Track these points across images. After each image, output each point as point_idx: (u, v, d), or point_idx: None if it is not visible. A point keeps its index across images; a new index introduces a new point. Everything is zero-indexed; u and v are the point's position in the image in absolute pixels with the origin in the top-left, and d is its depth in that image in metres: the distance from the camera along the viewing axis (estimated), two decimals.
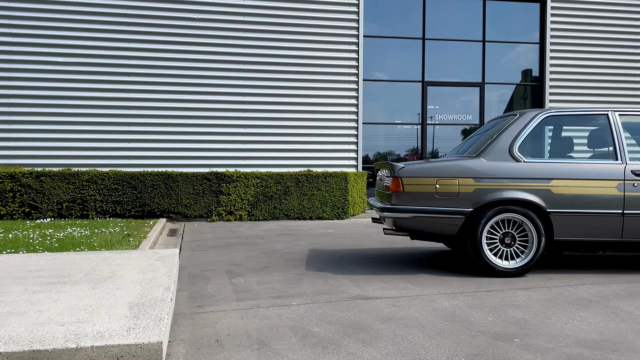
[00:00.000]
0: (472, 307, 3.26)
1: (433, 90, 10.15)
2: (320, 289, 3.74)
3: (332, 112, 9.54)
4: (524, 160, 4.17)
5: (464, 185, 4.11)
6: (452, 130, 10.32)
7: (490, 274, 4.12)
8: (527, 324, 2.92)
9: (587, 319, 3.01)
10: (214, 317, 3.07)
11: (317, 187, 8.60)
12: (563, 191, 4.09)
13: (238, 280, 4.04)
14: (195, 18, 9.10)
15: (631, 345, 2.57)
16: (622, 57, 10.28)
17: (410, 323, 2.93)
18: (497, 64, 10.40)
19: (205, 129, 9.16)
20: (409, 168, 4.20)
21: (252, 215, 8.48)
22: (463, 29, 10.26)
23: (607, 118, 4.40)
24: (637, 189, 4.09)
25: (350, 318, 3.03)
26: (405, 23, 10.09)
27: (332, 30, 9.52)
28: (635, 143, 4.78)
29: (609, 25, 10.24)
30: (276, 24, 9.35)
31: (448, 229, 4.15)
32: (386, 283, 3.93)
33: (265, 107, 9.34)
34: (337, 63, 9.54)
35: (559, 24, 10.17)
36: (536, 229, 4.08)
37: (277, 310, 3.21)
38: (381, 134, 10.14)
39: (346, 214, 8.74)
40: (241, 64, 9.25)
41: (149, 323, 2.40)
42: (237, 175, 8.41)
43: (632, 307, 3.26)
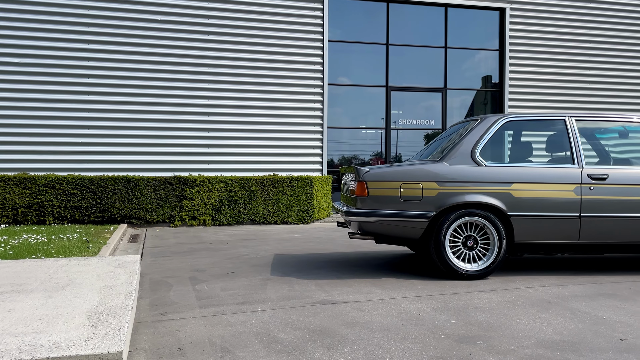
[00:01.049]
0: (436, 310, 3.29)
1: (397, 95, 10.26)
2: (286, 294, 3.71)
3: (297, 116, 9.53)
4: (485, 164, 4.25)
5: (428, 189, 4.15)
6: (415, 134, 10.45)
7: (454, 276, 4.17)
8: (490, 326, 2.96)
9: (547, 320, 3.08)
10: (176, 324, 3.01)
11: (283, 191, 8.56)
12: (523, 195, 4.18)
13: (201, 287, 3.98)
14: (158, 20, 8.95)
15: (589, 345, 2.64)
16: (578, 64, 10.62)
17: (376, 327, 2.94)
18: (459, 70, 10.60)
19: (168, 132, 9.01)
20: (374, 172, 4.22)
21: (216, 220, 8.37)
22: (426, 35, 10.42)
23: (564, 123, 4.52)
24: (593, 193, 4.22)
25: (315, 323, 3.02)
26: (369, 29, 10.17)
27: (296, 34, 9.51)
28: (591, 148, 4.93)
29: (565, 33, 10.56)
30: (240, 27, 9.29)
31: (412, 232, 4.18)
32: (351, 287, 3.94)
33: (230, 111, 9.26)
34: (302, 67, 9.54)
35: (517, 32, 10.44)
36: (497, 232, 4.16)
37: (241, 316, 3.16)
38: (346, 139, 10.19)
39: (311, 218, 8.73)
40: (204, 66, 9.15)
41: (108, 332, 2.33)
42: (201, 180, 8.30)
43: (589, 307, 3.35)
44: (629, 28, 10.78)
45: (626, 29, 10.77)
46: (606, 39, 10.71)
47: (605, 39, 10.71)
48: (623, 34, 10.77)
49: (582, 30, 10.61)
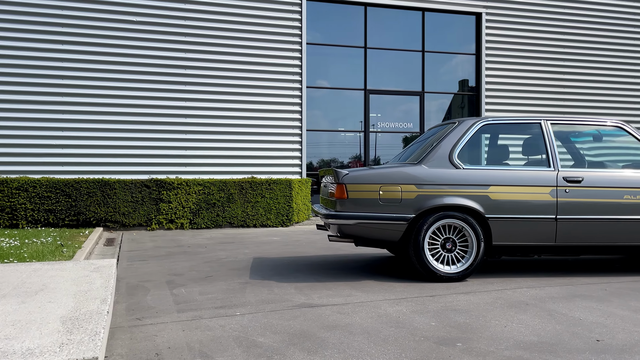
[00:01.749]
0: (416, 312, 3.30)
1: (375, 98, 10.30)
2: (265, 298, 3.68)
3: (276, 118, 9.50)
4: (463, 167, 4.28)
5: (407, 192, 4.17)
6: (393, 137, 10.50)
7: (433, 279, 4.19)
8: (469, 327, 2.98)
9: (525, 321, 3.11)
10: (153, 329, 2.96)
11: (261, 194, 8.52)
12: (500, 197, 4.23)
13: (179, 291, 3.92)
14: (135, 21, 8.84)
15: (567, 347, 2.67)
16: (553, 69, 10.80)
17: (356, 330, 2.93)
18: (436, 73, 10.69)
19: (145, 134, 8.90)
20: (353, 175, 4.22)
21: (194, 224, 8.29)
22: (404, 38, 10.49)
23: (540, 127, 4.58)
24: (568, 195, 4.28)
25: (295, 327, 3.00)
26: (347, 32, 10.20)
27: (275, 37, 9.49)
28: (567, 151, 5.01)
29: (540, 38, 10.74)
30: (219, 29, 9.23)
31: (391, 234, 4.19)
32: (331, 290, 3.92)
33: (208, 113, 9.18)
34: (280, 70, 9.52)
35: (493, 36, 10.58)
36: (475, 234, 4.19)
37: (220, 320, 3.13)
38: (325, 141, 10.19)
39: (291, 221, 8.70)
40: (182, 68, 9.06)
41: (83, 338, 2.27)
42: (179, 182, 8.21)
43: (566, 309, 3.39)
44: (603, 34, 11.01)
45: (600, 35, 11.00)
46: (580, 44, 10.91)
47: (580, 44, 10.91)
48: (597, 39, 10.99)
49: (557, 36, 10.80)
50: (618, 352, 2.57)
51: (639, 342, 2.71)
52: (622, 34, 11.10)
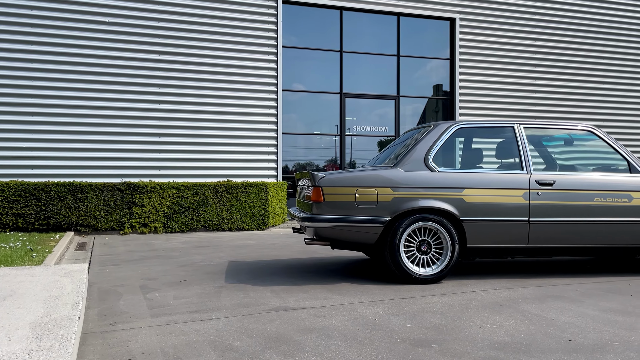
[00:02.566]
0: (392, 314, 3.31)
1: (351, 102, 10.34)
2: (241, 302, 3.65)
3: (251, 121, 9.46)
4: (438, 170, 4.32)
5: (383, 195, 4.18)
6: (369, 141, 10.55)
7: (408, 281, 4.21)
8: (444, 329, 3.00)
9: (499, 322, 3.14)
10: (126, 335, 2.90)
11: (237, 197, 8.46)
12: (474, 200, 4.27)
13: (153, 295, 3.86)
14: (106, 22, 8.71)
15: (540, 347, 2.70)
16: (525, 74, 10.99)
17: (332, 333, 2.92)
18: (411, 78, 10.78)
19: (117, 137, 8.76)
20: (330, 177, 4.22)
21: (168, 227, 8.18)
22: (379, 43, 10.56)
23: (513, 130, 4.66)
24: (541, 198, 4.35)
25: (271, 330, 2.97)
26: (323, 36, 10.22)
27: (251, 39, 9.46)
28: (539, 154, 5.10)
29: (512, 44, 10.92)
30: (193, 31, 9.15)
31: (367, 237, 4.20)
32: (308, 293, 3.91)
33: (182, 116, 9.09)
34: (256, 72, 9.48)
35: (467, 42, 10.72)
36: (450, 236, 4.23)
37: (195, 325, 3.08)
38: (301, 145, 10.18)
39: (266, 225, 8.66)
40: (156, 70, 8.96)
41: (53, 344, 2.22)
42: (152, 186, 8.10)
43: (539, 309, 3.44)
44: (574, 40, 11.25)
45: (571, 41, 11.24)
46: (552, 50, 11.13)
47: (551, 50, 11.13)
48: (568, 45, 11.22)
49: (529, 42, 11.00)
50: (590, 351, 2.62)
51: (609, 342, 2.77)
52: (593, 40, 11.37)
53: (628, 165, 4.63)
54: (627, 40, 11.59)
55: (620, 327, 3.02)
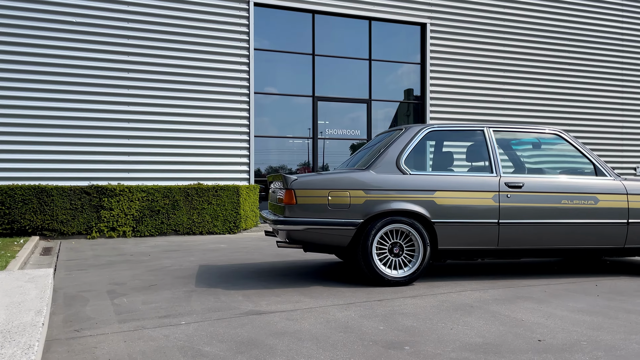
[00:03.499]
0: (364, 317, 3.30)
1: (323, 105, 10.34)
2: (212, 306, 3.59)
3: (223, 124, 9.37)
4: (410, 172, 4.34)
5: (355, 197, 4.18)
6: (341, 144, 10.57)
7: (381, 283, 4.21)
8: (416, 331, 3.00)
9: (471, 323, 3.16)
10: (93, 341, 2.82)
11: (208, 200, 8.36)
12: (445, 202, 4.30)
13: (121, 301, 3.77)
14: (74, 22, 8.53)
15: (510, 347, 2.73)
16: (494, 78, 11.18)
17: (304, 336, 2.90)
18: (383, 82, 10.85)
19: (84, 139, 8.57)
20: (302, 180, 4.19)
21: (137, 231, 8.03)
22: (351, 46, 10.59)
23: (483, 134, 4.71)
24: (510, 200, 4.41)
25: (243, 335, 2.93)
26: (295, 39, 10.21)
27: (222, 42, 9.38)
28: (508, 157, 5.18)
29: (482, 49, 11.09)
30: (163, 32, 9.03)
31: (340, 240, 4.19)
32: (280, 297, 3.88)
33: (152, 118, 8.95)
34: (228, 75, 9.41)
35: (437, 47, 10.85)
36: (422, 238, 4.25)
37: (164, 330, 3.02)
38: (273, 148, 10.13)
39: (238, 228, 8.58)
40: (125, 71, 8.80)
41: (16, 352, 2.14)
42: (121, 189, 7.94)
43: (509, 310, 3.48)
44: (541, 46, 11.49)
45: (539, 47, 11.47)
46: (520, 56, 11.35)
47: (519, 56, 11.34)
48: (536, 51, 11.46)
49: (498, 47, 11.19)
50: (559, 351, 2.66)
51: (578, 342, 2.81)
52: (560, 46, 11.63)
53: (594, 168, 4.74)
54: (593, 47, 11.90)
55: (588, 327, 3.08)
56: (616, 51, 12.10)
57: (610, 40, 12.05)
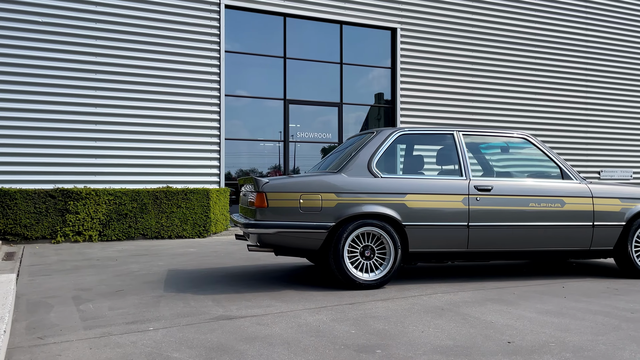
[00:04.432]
0: (336, 320, 3.29)
1: (295, 108, 10.32)
2: (181, 311, 3.52)
3: (193, 126, 9.26)
4: (381, 176, 4.35)
5: (327, 200, 4.17)
6: (312, 148, 10.56)
7: (352, 286, 4.20)
8: (388, 334, 3.00)
9: (441, 326, 3.18)
10: (57, 348, 2.73)
11: (177, 204, 8.23)
12: (416, 205, 4.33)
13: (87, 307, 3.67)
14: (40, 22, 8.32)
15: (481, 349, 2.75)
16: (463, 83, 11.34)
17: (275, 341, 2.86)
18: (354, 86, 10.89)
19: (50, 141, 8.35)
20: (274, 183, 4.16)
21: (104, 236, 7.86)
22: (323, 50, 10.61)
23: (453, 137, 4.76)
24: (479, 203, 4.46)
25: (213, 340, 2.88)
26: (267, 42, 10.17)
27: (192, 43, 9.28)
28: (477, 161, 5.24)
29: (451, 54, 11.25)
30: (133, 34, 8.88)
31: (312, 243, 4.17)
32: (250, 301, 3.83)
33: (120, 120, 8.78)
34: (198, 77, 9.30)
35: (408, 51, 10.95)
36: (393, 241, 4.26)
37: (131, 336, 2.95)
38: (244, 151, 10.06)
39: (208, 232, 8.47)
40: (92, 72, 8.62)
41: None
42: (87, 192, 7.76)
43: (479, 312, 3.51)
44: (509, 52, 11.71)
45: (506, 52, 11.69)
46: (488, 61, 11.54)
47: (488, 61, 11.53)
48: (504, 57, 11.67)
49: (467, 52, 11.36)
50: (528, 352, 2.69)
51: (546, 343, 2.85)
52: (526, 52, 11.87)
53: (560, 172, 4.83)
54: (559, 54, 12.18)
55: (556, 329, 3.12)
56: (581, 57, 12.42)
57: (576, 47, 12.36)
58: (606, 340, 2.89)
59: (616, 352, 2.68)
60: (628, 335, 2.99)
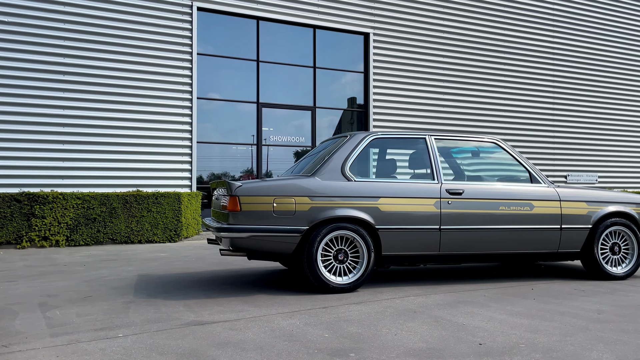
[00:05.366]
0: (309, 324, 3.27)
1: (268, 112, 10.28)
2: (151, 317, 3.46)
3: (164, 129, 9.13)
4: (354, 179, 4.36)
5: (300, 204, 4.15)
6: (285, 151, 10.53)
7: (326, 290, 4.19)
8: (361, 337, 3.00)
9: (414, 329, 3.19)
10: (22, 357, 2.65)
11: (148, 208, 8.10)
12: (389, 209, 4.35)
13: (53, 313, 3.58)
14: (6, 22, 8.10)
15: (453, 351, 2.77)
16: (435, 88, 11.47)
17: (248, 346, 2.83)
18: (328, 90, 10.92)
19: (15, 143, 8.13)
20: (247, 187, 4.13)
21: (71, 240, 7.68)
22: (296, 54, 10.60)
23: (425, 142, 4.80)
24: (451, 207, 4.51)
25: (184, 346, 2.83)
26: (240, 45, 10.11)
27: (164, 45, 9.16)
28: (448, 165, 5.30)
29: (423, 60, 11.37)
30: (103, 35, 8.73)
31: (285, 247, 4.15)
32: (223, 306, 3.79)
33: (90, 122, 8.61)
34: (169, 79, 9.19)
35: (380, 56, 11.03)
36: (366, 245, 4.27)
37: (100, 343, 2.88)
38: (216, 155, 9.97)
39: (179, 237, 8.36)
40: (61, 74, 8.44)
41: None
42: (54, 196, 7.58)
43: (451, 315, 3.54)
44: (479, 58, 11.90)
45: (477, 58, 11.87)
46: (459, 67, 11.71)
47: (458, 67, 11.70)
48: (474, 62, 11.85)
49: (438, 58, 11.50)
50: (499, 354, 2.72)
51: (517, 344, 2.89)
52: (496, 58, 12.08)
53: (529, 176, 4.92)
54: (528, 60, 12.43)
55: (526, 330, 3.17)
56: (548, 64, 12.70)
57: (543, 54, 12.64)
58: (574, 341, 2.95)
59: (584, 353, 2.73)
60: (595, 335, 3.05)
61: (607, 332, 3.11)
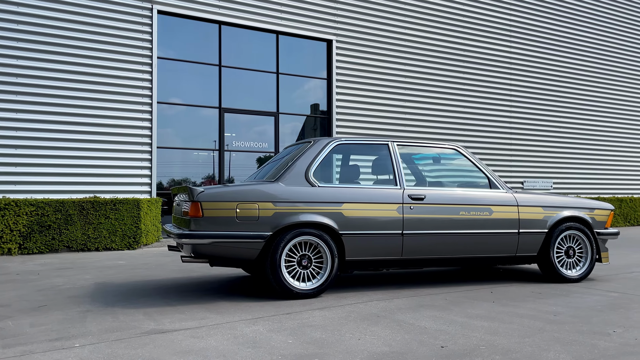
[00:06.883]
0: (273, 330, 3.24)
1: (230, 117, 10.20)
2: (109, 326, 3.36)
3: (123, 134, 8.94)
4: (318, 185, 4.36)
5: (264, 210, 4.13)
6: (248, 157, 10.46)
7: (289, 296, 4.17)
8: (325, 342, 3.00)
9: (377, 333, 3.21)
10: None
11: (105, 214, 7.90)
12: (352, 214, 4.37)
13: (5, 324, 3.44)
14: None
15: (415, 354, 2.79)
16: (397, 95, 11.62)
17: (211, 354, 2.79)
18: (291, 96, 10.91)
19: None
20: (209, 192, 4.08)
21: (24, 249, 7.41)
22: (259, 59, 10.57)
23: (387, 148, 4.85)
24: (413, 212, 4.57)
25: (144, 355, 2.76)
26: (202, 49, 10.01)
27: (123, 48, 8.98)
28: (410, 171, 5.37)
29: (385, 67, 11.51)
30: (59, 36, 8.49)
31: (248, 253, 4.11)
32: (184, 314, 3.72)
33: (44, 126, 8.35)
34: (128, 83, 9.01)
35: (343, 63, 11.11)
36: (330, 250, 4.27)
37: (55, 354, 2.78)
38: (177, 160, 9.81)
39: (138, 244, 8.18)
40: (13, 76, 8.16)
41: None
42: (6, 202, 7.30)
43: (413, 319, 3.57)
44: (440, 67, 12.12)
45: (437, 67, 12.10)
46: (420, 75, 11.90)
47: (420, 75, 11.89)
48: (435, 71, 12.07)
49: (399, 65, 11.67)
50: (460, 356, 2.75)
51: (477, 347, 2.93)
52: (455, 67, 12.34)
53: (488, 182, 5.03)
54: (486, 69, 12.74)
55: (486, 332, 3.23)
56: (506, 74, 13.05)
57: (501, 64, 12.98)
58: (532, 342, 3.02)
59: (542, 353, 2.80)
60: (552, 337, 3.13)
61: (563, 333, 3.20)
